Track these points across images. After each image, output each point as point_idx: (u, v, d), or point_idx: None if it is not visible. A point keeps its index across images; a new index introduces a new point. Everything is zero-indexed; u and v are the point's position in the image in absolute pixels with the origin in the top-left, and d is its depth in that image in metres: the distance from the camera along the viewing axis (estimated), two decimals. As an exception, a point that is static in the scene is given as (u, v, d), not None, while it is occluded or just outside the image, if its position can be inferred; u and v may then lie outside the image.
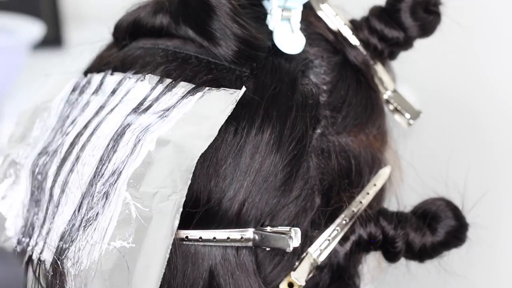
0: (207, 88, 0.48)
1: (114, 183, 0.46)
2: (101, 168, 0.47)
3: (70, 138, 0.50)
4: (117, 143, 0.47)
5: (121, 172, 0.46)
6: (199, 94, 0.47)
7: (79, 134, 0.49)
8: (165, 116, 0.47)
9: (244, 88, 0.47)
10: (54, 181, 0.49)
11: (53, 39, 1.32)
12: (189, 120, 0.46)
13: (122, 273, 0.44)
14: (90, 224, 0.46)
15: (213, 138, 0.45)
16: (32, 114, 0.55)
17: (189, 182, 0.44)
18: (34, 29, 1.15)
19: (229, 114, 0.46)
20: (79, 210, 0.47)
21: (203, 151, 0.44)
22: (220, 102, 0.46)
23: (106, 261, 0.45)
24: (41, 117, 0.54)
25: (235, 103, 0.46)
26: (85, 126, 0.50)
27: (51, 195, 0.49)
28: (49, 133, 0.52)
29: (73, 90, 0.53)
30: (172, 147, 0.45)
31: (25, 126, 0.55)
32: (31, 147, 0.53)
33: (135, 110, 0.48)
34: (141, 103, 0.49)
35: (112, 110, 0.49)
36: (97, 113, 0.50)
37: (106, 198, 0.46)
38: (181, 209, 0.44)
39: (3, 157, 0.54)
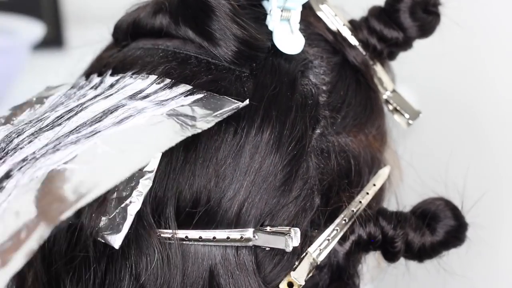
0: (209, 92, 0.48)
1: (89, 137, 0.44)
2: (80, 128, 0.46)
3: (57, 113, 0.49)
4: (106, 116, 0.46)
5: (99, 131, 0.44)
6: (199, 95, 0.47)
7: (69, 111, 0.49)
8: (162, 105, 0.46)
9: (247, 101, 0.47)
10: (27, 137, 0.47)
11: (53, 39, 1.32)
12: (185, 111, 0.46)
13: (60, 183, 0.40)
14: (44, 156, 0.44)
15: (202, 130, 0.44)
16: (23, 105, 0.54)
17: (165, 148, 0.42)
18: (34, 29, 1.15)
19: (225, 117, 0.45)
20: (40, 150, 0.45)
21: (183, 138, 0.43)
22: (220, 107, 0.46)
23: (49, 175, 0.41)
24: (33, 107, 0.53)
25: (233, 111, 0.46)
26: (77, 106, 0.49)
27: (17, 145, 0.47)
28: (36, 116, 0.52)
29: (72, 87, 0.53)
30: (161, 124, 0.44)
31: (13, 112, 0.54)
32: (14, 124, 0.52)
33: (131, 97, 0.48)
34: (138, 93, 0.48)
35: (107, 97, 0.49)
36: (91, 99, 0.49)
37: (74, 143, 0.44)
38: (154, 156, 0.42)
39: None
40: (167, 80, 0.49)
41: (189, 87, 0.48)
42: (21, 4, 1.30)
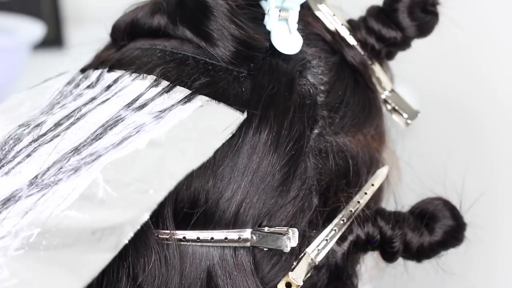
0: (206, 99, 0.47)
1: (90, 163, 0.44)
2: (80, 147, 0.46)
3: (56, 118, 0.49)
4: (106, 132, 0.46)
5: (100, 155, 0.45)
6: (197, 103, 0.47)
7: (67, 116, 0.49)
8: (161, 118, 0.46)
9: (245, 114, 0.47)
10: (25, 148, 0.47)
11: (53, 39, 1.32)
12: (185, 131, 0.46)
13: (64, 242, 0.41)
14: (46, 189, 0.44)
15: (205, 159, 0.45)
16: (23, 97, 0.54)
17: (171, 188, 0.43)
18: (34, 29, 1.14)
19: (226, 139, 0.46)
20: (42, 175, 0.45)
21: (190, 171, 0.44)
22: (219, 122, 0.46)
23: (52, 224, 0.42)
24: (33, 99, 0.53)
25: (235, 128, 0.46)
26: (74, 110, 0.49)
27: (13, 157, 0.47)
28: (36, 112, 0.51)
29: (68, 83, 0.53)
30: (162, 153, 0.44)
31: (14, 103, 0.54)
32: (14, 118, 0.52)
33: (129, 105, 0.48)
34: (135, 99, 0.48)
35: (104, 101, 0.49)
36: (88, 102, 0.49)
37: (75, 172, 0.44)
38: (154, 207, 0.42)
39: None
40: (165, 83, 0.49)
41: (186, 91, 0.48)
42: (21, 4, 1.30)
